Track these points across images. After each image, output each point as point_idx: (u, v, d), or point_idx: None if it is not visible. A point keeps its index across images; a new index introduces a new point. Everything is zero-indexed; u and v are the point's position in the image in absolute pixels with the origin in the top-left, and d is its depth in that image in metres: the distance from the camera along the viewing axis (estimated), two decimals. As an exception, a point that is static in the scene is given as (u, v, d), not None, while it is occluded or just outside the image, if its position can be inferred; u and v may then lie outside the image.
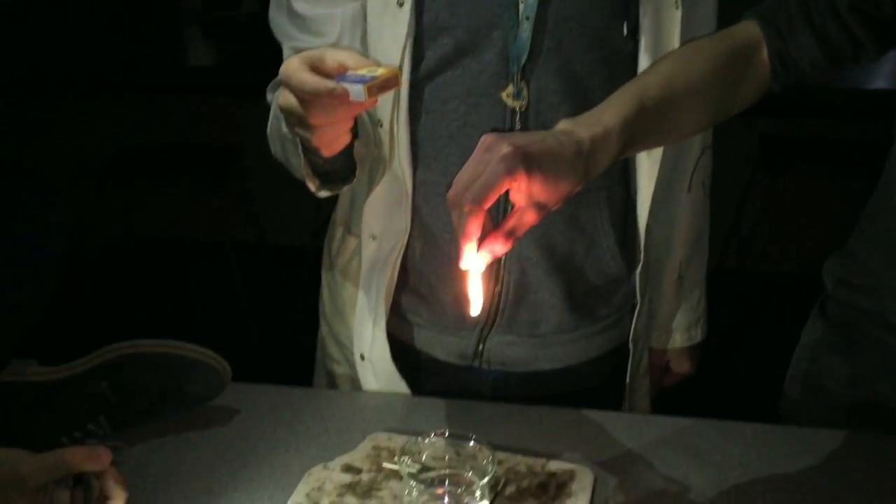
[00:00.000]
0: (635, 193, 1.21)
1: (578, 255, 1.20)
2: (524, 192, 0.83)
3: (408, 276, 1.22)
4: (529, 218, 0.84)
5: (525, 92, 1.10)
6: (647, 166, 1.18)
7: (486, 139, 0.83)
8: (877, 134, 1.36)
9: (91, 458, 0.80)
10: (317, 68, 0.88)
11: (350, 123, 0.97)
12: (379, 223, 1.19)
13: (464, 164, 0.84)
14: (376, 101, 0.88)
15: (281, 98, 0.92)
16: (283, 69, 0.90)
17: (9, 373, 1.10)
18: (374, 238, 1.20)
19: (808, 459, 1.09)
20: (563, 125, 0.89)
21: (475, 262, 0.84)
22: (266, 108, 1.13)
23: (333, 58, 0.89)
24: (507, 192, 0.83)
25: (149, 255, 3.60)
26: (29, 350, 1.14)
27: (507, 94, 1.10)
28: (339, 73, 0.88)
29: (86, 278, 3.11)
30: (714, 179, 1.36)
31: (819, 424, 1.17)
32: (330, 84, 0.85)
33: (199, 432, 1.14)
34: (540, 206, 0.84)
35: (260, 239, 3.38)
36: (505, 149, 0.81)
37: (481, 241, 0.83)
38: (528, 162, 0.81)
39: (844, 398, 1.26)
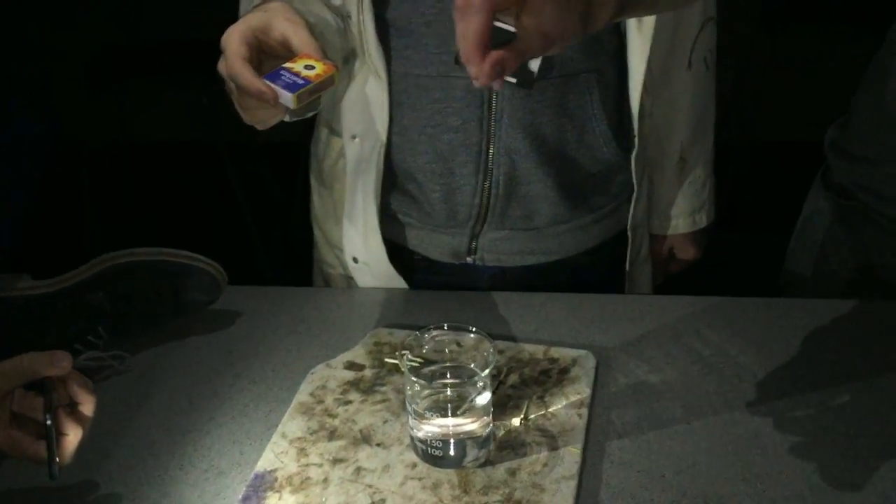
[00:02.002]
0: (628, 75, 1.16)
1: (570, 144, 1.17)
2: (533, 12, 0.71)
3: (395, 176, 1.19)
4: (534, 44, 0.71)
5: None
6: (639, 44, 1.13)
7: None
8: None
9: (51, 362, 0.80)
10: (259, 40, 0.89)
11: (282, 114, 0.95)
12: (359, 122, 1.16)
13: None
14: (307, 103, 0.89)
15: (219, 63, 0.91)
16: (224, 37, 0.89)
17: (1, 288, 1.09)
18: (355, 137, 1.17)
19: (812, 330, 1.09)
20: None
21: (487, 75, 0.70)
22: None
23: (279, 31, 0.90)
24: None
25: (138, 159, 3.55)
26: (22, 263, 1.13)
27: None
28: (282, 48, 0.89)
29: (78, 186, 3.08)
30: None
31: (821, 295, 1.17)
32: (260, 86, 0.86)
33: (200, 337, 1.14)
34: (544, 36, 0.71)
35: (251, 137, 3.32)
36: None
37: (486, 57, 0.70)
38: None
39: (845, 268, 1.26)
